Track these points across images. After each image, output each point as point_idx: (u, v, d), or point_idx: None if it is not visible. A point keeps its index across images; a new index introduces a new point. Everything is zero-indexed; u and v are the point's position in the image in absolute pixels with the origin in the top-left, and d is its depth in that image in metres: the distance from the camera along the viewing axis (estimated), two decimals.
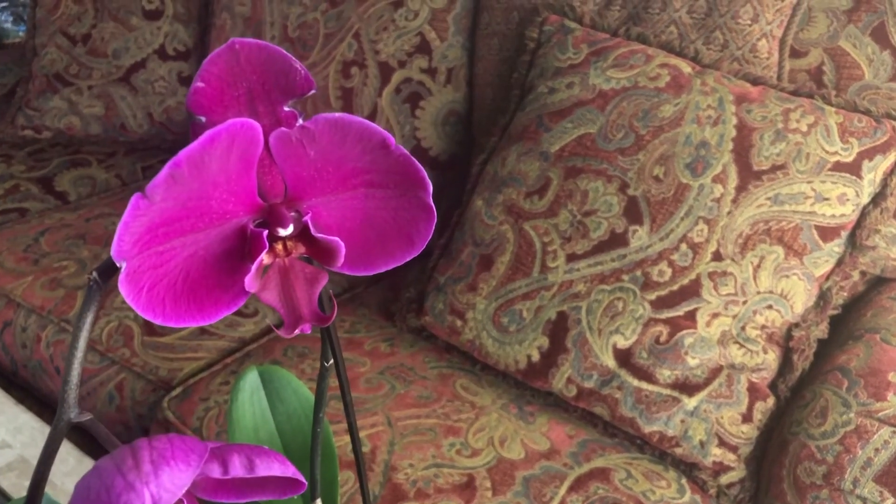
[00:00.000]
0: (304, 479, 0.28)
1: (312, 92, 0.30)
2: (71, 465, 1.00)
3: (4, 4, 2.30)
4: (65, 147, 1.66)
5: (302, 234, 0.31)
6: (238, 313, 1.20)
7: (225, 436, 1.03)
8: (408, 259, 0.33)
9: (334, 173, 0.31)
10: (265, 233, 0.30)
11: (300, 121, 0.31)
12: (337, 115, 0.30)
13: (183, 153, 0.27)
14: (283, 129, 0.30)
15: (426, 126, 1.35)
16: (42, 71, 1.69)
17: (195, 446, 0.27)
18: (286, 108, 0.31)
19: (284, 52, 0.30)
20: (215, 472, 0.26)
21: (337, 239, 0.31)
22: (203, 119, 0.30)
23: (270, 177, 0.31)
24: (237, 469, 0.26)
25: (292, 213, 0.31)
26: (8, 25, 2.27)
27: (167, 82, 1.66)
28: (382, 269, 0.33)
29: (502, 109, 1.23)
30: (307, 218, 0.31)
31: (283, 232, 0.31)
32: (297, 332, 0.31)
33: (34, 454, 1.06)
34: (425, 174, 0.31)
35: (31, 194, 1.51)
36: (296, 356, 1.10)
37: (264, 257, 0.31)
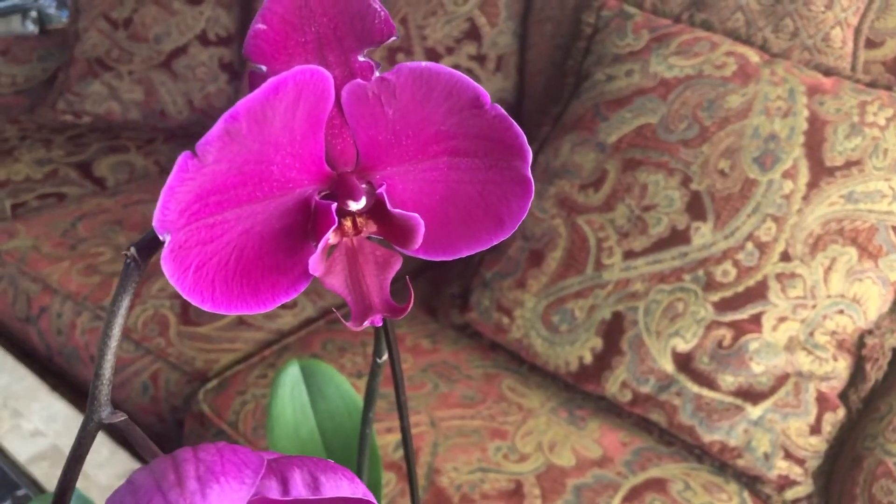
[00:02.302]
0: (375, 500, 0.23)
1: (394, 39, 0.26)
2: (104, 457, 0.97)
3: None
4: (104, 132, 1.63)
5: (374, 210, 0.27)
6: None
7: (262, 430, 0.99)
8: (495, 242, 0.28)
9: (414, 138, 0.26)
10: (334, 206, 0.25)
11: (377, 73, 0.26)
12: (423, 64, 0.25)
13: (241, 104, 0.23)
14: (358, 81, 0.25)
15: None
16: (83, 55, 1.67)
17: (249, 459, 0.22)
18: (361, 58, 0.26)
19: None
20: (273, 491, 0.22)
21: (416, 215, 0.26)
22: (264, 68, 0.25)
23: (341, 140, 0.26)
24: (299, 488, 0.22)
25: (364, 185, 0.27)
26: (52, 11, 2.26)
27: (208, 68, 1.63)
28: (464, 254, 0.29)
29: (555, 98, 1.18)
30: (381, 190, 0.26)
31: (353, 206, 0.26)
32: (366, 324, 0.27)
33: (68, 444, 1.03)
34: (525, 140, 0.26)
35: (70, 179, 1.48)
36: (336, 350, 1.06)
37: (331, 235, 0.26)
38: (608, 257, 0.98)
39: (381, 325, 0.27)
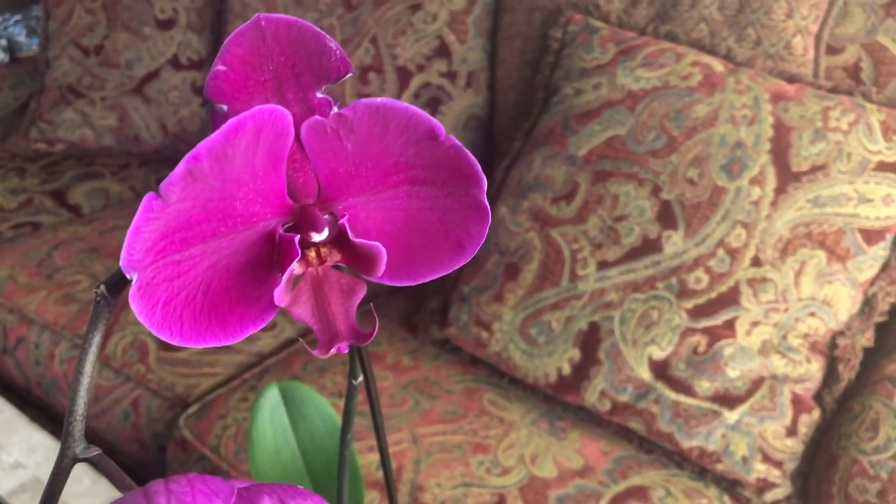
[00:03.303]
0: None
1: (350, 75, 0.26)
2: (86, 486, 0.96)
3: (18, 18, 2.28)
4: (78, 160, 1.63)
5: (337, 240, 0.27)
6: None
7: (245, 454, 0.99)
8: (456, 266, 0.29)
9: (374, 169, 0.27)
10: (297, 238, 0.26)
11: (335, 108, 0.27)
12: (379, 100, 0.26)
13: (202, 145, 0.23)
14: (316, 117, 0.26)
15: (447, 131, 1.31)
16: (55, 83, 1.67)
17: (219, 489, 0.23)
18: (319, 95, 0.27)
19: (317, 28, 0.26)
20: None
21: (378, 244, 0.27)
22: (225, 108, 0.26)
23: (302, 174, 0.27)
24: None
25: (326, 216, 0.28)
26: (21, 39, 2.25)
27: (181, 92, 1.63)
28: (427, 279, 0.29)
29: (526, 113, 1.19)
30: (344, 221, 0.27)
31: (316, 237, 0.27)
32: (333, 351, 0.27)
33: (48, 475, 1.03)
34: (479, 168, 0.27)
35: (45, 208, 1.48)
36: (316, 371, 1.06)
37: (296, 266, 0.27)
38: (582, 268, 1.00)
39: (346, 351, 0.28)
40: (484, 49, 1.31)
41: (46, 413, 1.23)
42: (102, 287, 0.26)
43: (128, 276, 0.24)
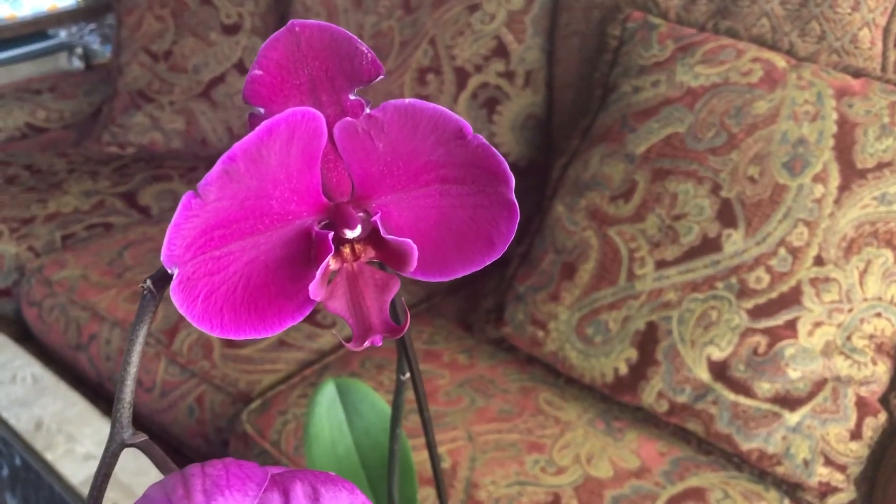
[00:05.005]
0: None
1: (381, 78, 0.27)
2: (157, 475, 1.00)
3: (92, 27, 2.37)
4: (147, 162, 1.68)
5: (371, 237, 0.28)
6: (316, 324, 1.19)
7: (303, 449, 1.01)
8: (487, 262, 0.30)
9: (405, 168, 0.28)
10: (331, 235, 0.27)
11: (367, 110, 0.27)
12: (407, 101, 0.26)
13: (237, 146, 0.25)
14: (348, 119, 0.27)
15: (504, 131, 1.32)
16: (126, 88, 1.73)
17: (253, 473, 0.24)
18: (352, 97, 0.28)
19: (349, 33, 0.27)
20: (275, 502, 0.23)
21: (409, 241, 0.27)
22: (262, 110, 0.27)
23: (336, 173, 0.28)
24: (300, 499, 0.23)
25: (360, 214, 0.28)
26: (96, 47, 2.34)
27: None
28: (459, 275, 0.30)
29: (583, 111, 1.19)
30: (376, 218, 0.28)
31: (350, 234, 0.28)
32: (366, 344, 0.28)
33: (119, 467, 1.06)
34: (507, 166, 0.27)
35: (116, 209, 1.54)
36: (374, 368, 1.08)
37: (330, 262, 0.28)
38: (640, 268, 0.99)
39: (380, 344, 0.29)
40: (542, 48, 1.30)
41: None
42: (148, 282, 0.27)
43: (169, 271, 0.25)
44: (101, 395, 1.30)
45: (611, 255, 1.01)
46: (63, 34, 2.32)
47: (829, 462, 0.88)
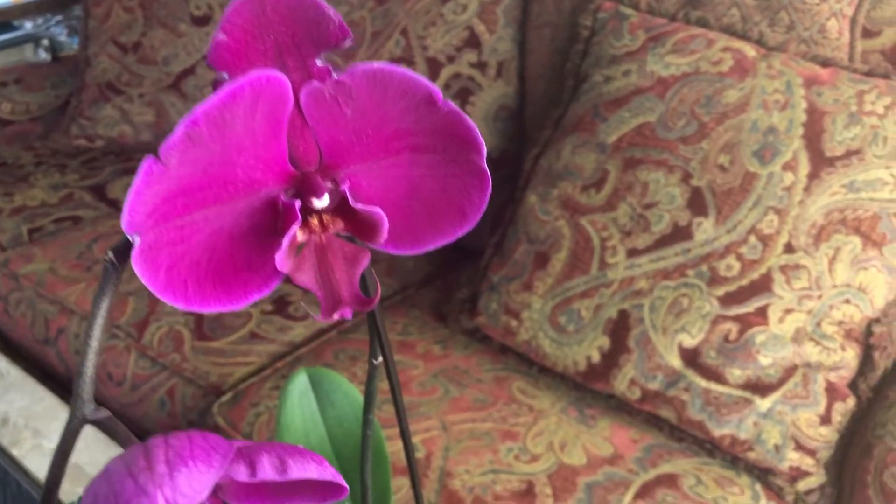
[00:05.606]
0: (344, 483, 0.24)
1: (348, 43, 0.27)
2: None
3: (59, 18, 2.33)
4: (117, 155, 1.66)
5: (340, 208, 0.28)
6: (288, 317, 1.18)
7: (276, 440, 1.00)
8: (459, 234, 0.29)
9: (374, 136, 0.27)
10: (298, 204, 0.26)
11: (335, 75, 0.27)
12: (376, 64, 0.26)
13: (200, 109, 0.24)
14: (315, 83, 0.26)
15: (477, 122, 1.31)
16: (94, 80, 1.70)
17: (218, 445, 0.23)
18: (319, 63, 0.27)
19: None
20: (241, 474, 0.23)
21: (378, 210, 0.27)
22: (226, 76, 0.26)
23: (303, 141, 0.28)
24: (266, 471, 0.23)
25: (328, 183, 0.28)
26: (63, 38, 2.30)
27: None
28: (431, 247, 0.30)
29: (555, 102, 1.19)
30: (345, 187, 0.27)
31: (317, 203, 0.27)
32: (335, 316, 0.28)
33: (87, 460, 1.05)
34: (478, 133, 0.27)
35: (85, 202, 1.51)
36: (347, 359, 1.07)
37: (298, 233, 0.27)
38: (612, 256, 0.99)
39: (350, 317, 0.28)
40: (514, 39, 1.30)
41: None
42: (110, 253, 0.27)
43: (129, 238, 0.25)
44: (69, 389, 1.28)
45: (583, 244, 1.01)
46: (29, 25, 2.28)
47: (799, 447, 0.89)
